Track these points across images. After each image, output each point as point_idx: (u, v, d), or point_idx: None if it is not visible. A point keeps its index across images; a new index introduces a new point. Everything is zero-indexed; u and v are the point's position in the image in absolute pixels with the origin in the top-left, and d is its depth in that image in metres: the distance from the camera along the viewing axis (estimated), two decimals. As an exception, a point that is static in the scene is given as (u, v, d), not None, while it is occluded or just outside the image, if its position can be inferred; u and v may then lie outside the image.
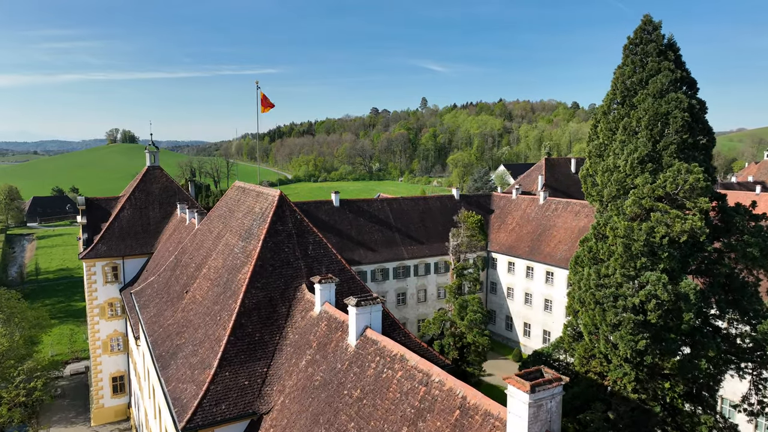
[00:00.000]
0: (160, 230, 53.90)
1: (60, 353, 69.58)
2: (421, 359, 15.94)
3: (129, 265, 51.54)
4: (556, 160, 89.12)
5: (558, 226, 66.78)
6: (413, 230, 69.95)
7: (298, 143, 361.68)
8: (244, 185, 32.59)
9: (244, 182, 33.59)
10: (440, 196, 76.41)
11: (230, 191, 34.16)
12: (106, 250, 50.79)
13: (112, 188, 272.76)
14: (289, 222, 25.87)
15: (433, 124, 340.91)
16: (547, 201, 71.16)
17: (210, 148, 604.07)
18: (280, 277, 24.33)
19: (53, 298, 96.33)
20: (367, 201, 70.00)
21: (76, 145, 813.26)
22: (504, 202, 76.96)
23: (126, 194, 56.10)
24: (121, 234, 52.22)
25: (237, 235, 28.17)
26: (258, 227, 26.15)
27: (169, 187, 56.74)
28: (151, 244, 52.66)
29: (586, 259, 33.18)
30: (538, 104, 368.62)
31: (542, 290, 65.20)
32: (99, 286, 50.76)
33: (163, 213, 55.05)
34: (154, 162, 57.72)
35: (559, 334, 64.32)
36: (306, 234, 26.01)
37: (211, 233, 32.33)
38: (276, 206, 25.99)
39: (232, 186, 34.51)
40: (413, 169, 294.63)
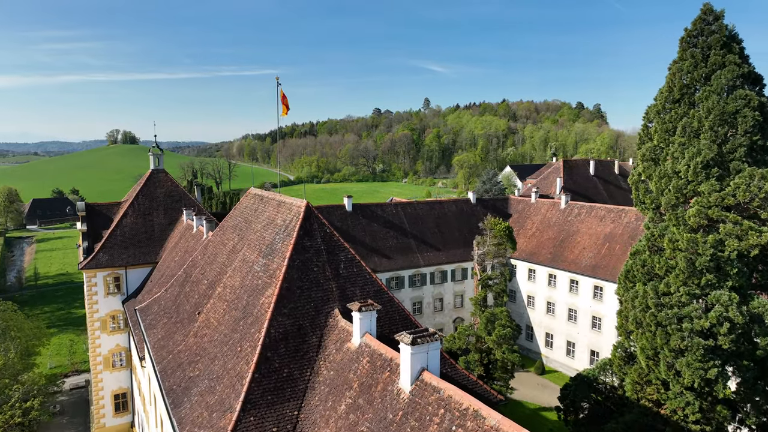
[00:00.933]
0: (165, 238, 50.76)
1: (59, 365, 66.46)
2: (503, 419, 12.77)
3: (132, 275, 48.41)
4: (575, 162, 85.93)
5: (582, 232, 63.58)
6: (429, 236, 66.81)
7: (300, 144, 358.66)
8: (261, 193, 29.43)
9: (260, 189, 30.41)
10: (456, 200, 73.27)
11: (245, 199, 30.99)
12: (108, 260, 47.64)
13: (113, 190, 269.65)
14: (318, 237, 22.69)
15: (437, 125, 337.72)
16: (569, 205, 67.98)
17: (211, 149, 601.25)
18: (309, 300, 21.16)
19: (52, 305, 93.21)
20: (381, 205, 66.87)
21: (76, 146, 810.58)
22: (522, 206, 73.80)
23: (129, 199, 52.97)
24: (123, 242, 49.09)
25: (256, 250, 25.00)
26: (282, 242, 22.98)
27: (174, 191, 53.60)
28: (156, 253, 49.52)
29: (639, 274, 29.94)
30: (542, 104, 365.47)
31: (566, 299, 61.99)
32: (100, 298, 47.62)
33: (168, 219, 51.91)
34: (158, 165, 54.59)
35: (585, 345, 61.57)
36: (337, 250, 22.83)
37: (225, 246, 29.16)
38: (302, 218, 22.82)
39: (247, 193, 31.36)
40: (417, 171, 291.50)
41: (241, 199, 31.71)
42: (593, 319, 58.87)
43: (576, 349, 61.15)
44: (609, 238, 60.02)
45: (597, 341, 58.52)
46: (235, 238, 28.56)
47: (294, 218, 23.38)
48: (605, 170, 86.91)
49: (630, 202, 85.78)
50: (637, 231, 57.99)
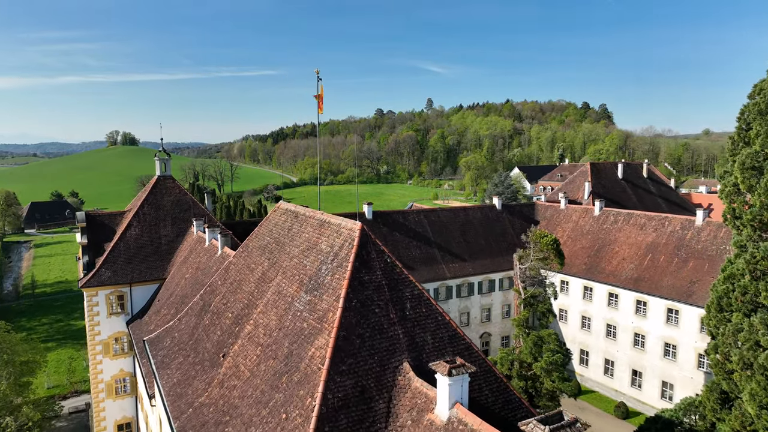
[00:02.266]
0: (173, 251, 46.24)
1: (57, 385, 61.94)
2: None
3: (137, 293, 43.90)
4: (602, 165, 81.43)
5: (620, 241, 59.09)
6: (454, 245, 62.33)
7: (302, 145, 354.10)
8: (295, 208, 24.91)
9: (293, 204, 25.90)
10: (481, 207, 68.82)
11: (274, 215, 26.45)
12: (111, 277, 43.12)
13: (112, 192, 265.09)
14: (377, 269, 18.19)
15: (441, 126, 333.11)
16: (603, 212, 63.51)
17: (211, 150, 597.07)
18: (372, 353, 16.66)
19: (50, 316, 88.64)
20: (403, 213, 62.43)
21: (76, 147, 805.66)
22: (551, 212, 69.34)
23: (133, 208, 48.44)
24: (128, 256, 44.56)
25: (295, 281, 20.49)
26: (331, 275, 18.47)
27: (182, 200, 49.08)
28: (163, 268, 45.01)
29: (739, 302, 25.34)
30: (548, 105, 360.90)
31: (604, 314, 57.49)
32: (102, 319, 43.09)
33: (177, 230, 47.40)
34: (165, 171, 50.06)
35: (625, 363, 56.85)
36: (401, 285, 18.33)
37: (252, 272, 24.63)
38: (357, 246, 18.32)
39: (276, 208, 26.85)
40: (422, 172, 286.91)
41: (268, 214, 27.14)
42: (635, 336, 54.37)
43: (615, 368, 56.65)
44: (651, 249, 55.52)
45: (639, 360, 54.03)
46: (264, 263, 24.03)
47: (345, 244, 18.87)
48: (633, 173, 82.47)
49: (659, 207, 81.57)
50: (683, 241, 53.56)
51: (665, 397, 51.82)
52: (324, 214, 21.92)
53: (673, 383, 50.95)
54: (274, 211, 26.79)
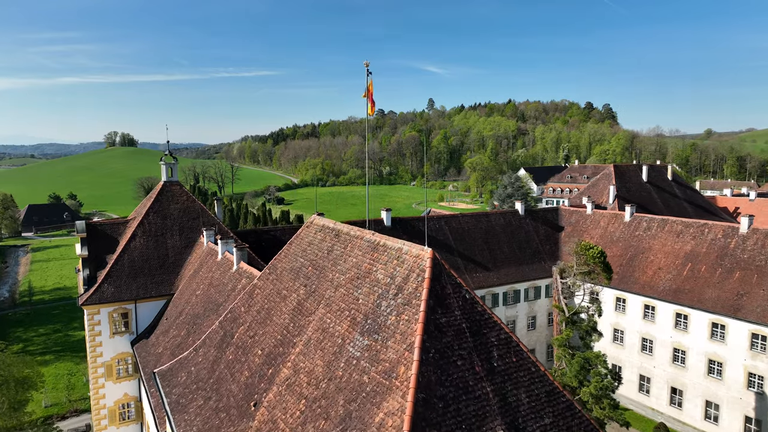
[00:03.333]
0: (182, 264, 42.59)
1: (56, 403, 58.18)
2: None
3: (143, 310, 40.25)
4: (626, 168, 77.93)
5: (655, 250, 55.54)
6: (477, 254, 58.73)
7: (303, 146, 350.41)
8: (334, 225, 21.28)
9: (329, 220, 22.28)
10: (503, 212, 65.19)
11: (308, 232, 22.81)
12: (114, 293, 39.44)
13: (112, 194, 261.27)
14: (456, 307, 14.59)
15: (443, 126, 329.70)
16: (634, 218, 59.98)
17: (209, 151, 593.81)
18: (458, 420, 13.03)
19: (48, 326, 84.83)
20: (422, 219, 58.78)
21: (74, 148, 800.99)
22: (576, 217, 65.79)
23: (137, 217, 44.76)
24: (132, 270, 40.89)
25: (345, 317, 16.88)
26: (396, 315, 14.86)
27: (190, 207, 45.41)
28: (171, 283, 41.35)
29: None
30: (551, 105, 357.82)
31: (638, 327, 53.93)
32: (105, 339, 39.41)
33: (185, 241, 43.75)
34: (171, 176, 46.42)
35: (663, 380, 52.87)
36: (485, 328, 14.73)
37: (284, 300, 21.00)
38: (430, 278, 14.69)
39: (308, 224, 23.21)
40: (425, 173, 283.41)
41: (300, 231, 23.48)
42: (675, 351, 50.83)
43: (652, 385, 53.09)
44: (691, 258, 51.99)
45: (680, 378, 50.47)
46: (299, 290, 20.40)
47: (412, 276, 15.25)
48: (658, 176, 79.00)
49: (685, 211, 78.09)
50: (726, 250, 50.04)
51: (709, 418, 48.31)
52: (376, 234, 18.30)
53: (718, 403, 47.41)
54: (306, 226, 23.14)
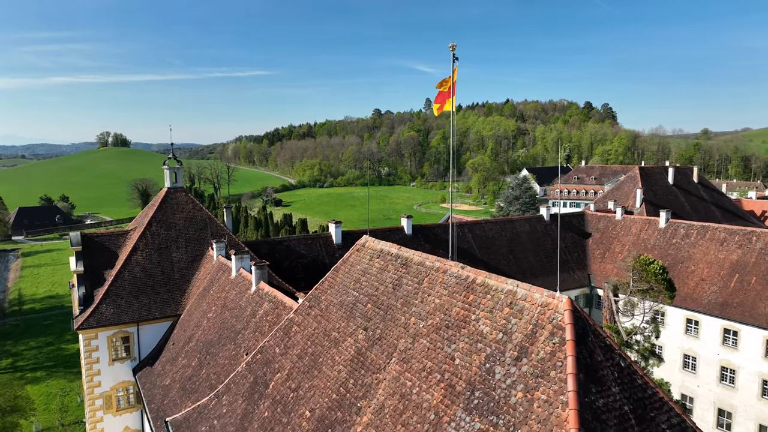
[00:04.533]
0: (189, 280, 38.24)
1: (48, 427, 53.54)
2: None
3: (146, 333, 35.90)
4: (651, 170, 74.18)
5: (696, 259, 51.71)
6: (503, 263, 54.71)
7: (299, 146, 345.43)
8: (398, 251, 17.12)
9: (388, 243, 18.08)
10: (528, 218, 61.31)
11: (359, 257, 18.62)
12: (114, 314, 35.05)
13: (105, 196, 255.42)
14: (612, 382, 10.49)
15: (441, 126, 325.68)
16: (670, 224, 56.15)
17: (203, 151, 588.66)
18: None
19: (39, 339, 79.97)
20: (444, 227, 54.70)
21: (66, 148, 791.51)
22: (604, 223, 61.89)
23: (138, 227, 40.36)
24: (134, 288, 36.52)
25: (436, 382, 12.70)
26: (525, 392, 10.72)
27: (197, 217, 41.07)
28: (178, 302, 37.01)
29: None
30: (549, 104, 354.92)
31: (680, 343, 50.07)
32: (103, 367, 35.02)
33: (192, 254, 39.40)
34: (175, 182, 42.06)
35: (709, 401, 48.87)
36: (651, 409, 10.63)
37: (336, 345, 16.80)
38: (575, 341, 10.53)
39: (360, 246, 19.03)
40: (424, 173, 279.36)
41: (348, 255, 19.27)
42: (722, 370, 46.99)
43: (696, 405, 49.22)
44: (738, 268, 48.17)
45: (728, 399, 46.64)
46: (357, 335, 16.19)
47: (542, 334, 11.11)
48: (683, 179, 75.31)
49: (713, 215, 74.45)
50: (778, 260, 46.28)
51: (762, 443, 44.51)
52: (466, 268, 14.13)
53: (774, 428, 43.62)
54: (357, 250, 18.95)
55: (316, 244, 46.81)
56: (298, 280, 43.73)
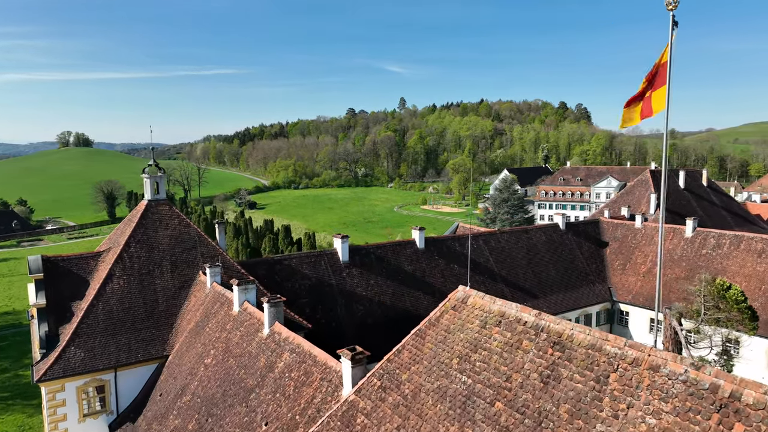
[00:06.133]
0: (177, 312, 31.86)
1: (4, 475, 46.19)
2: None
3: (126, 379, 29.40)
4: (661, 173, 70.38)
5: (731, 272, 47.68)
6: (521, 278, 49.80)
7: (272, 146, 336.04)
8: (539, 320, 11.59)
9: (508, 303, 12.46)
10: (543, 227, 56.57)
11: (458, 320, 13.06)
12: (85, 360, 28.46)
13: (67, 199, 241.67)
14: None
15: (417, 126, 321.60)
16: (697, 233, 52.14)
17: (170, 151, 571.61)
18: None
19: (-6, 364, 71.36)
20: (459, 239, 49.36)
21: (23, 148, 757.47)
22: (622, 231, 57.63)
23: (114, 248, 33.71)
24: (110, 324, 29.97)
25: None
26: None
27: (184, 234, 34.66)
28: (164, 340, 30.61)
29: None
30: (524, 104, 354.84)
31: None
32: (72, 425, 28.36)
33: (179, 280, 33.02)
34: (157, 193, 35.54)
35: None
36: None
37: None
38: None
39: (456, 303, 13.48)
40: (402, 174, 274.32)
41: (439, 313, 13.55)
42: None
43: None
44: (780, 282, 44.34)
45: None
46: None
47: None
48: (693, 182, 71.99)
49: (725, 221, 71.40)
50: (825, 273, 42.55)
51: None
52: (701, 366, 8.62)
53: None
54: (453, 308, 13.26)
55: (321, 263, 40.89)
56: (302, 305, 37.81)
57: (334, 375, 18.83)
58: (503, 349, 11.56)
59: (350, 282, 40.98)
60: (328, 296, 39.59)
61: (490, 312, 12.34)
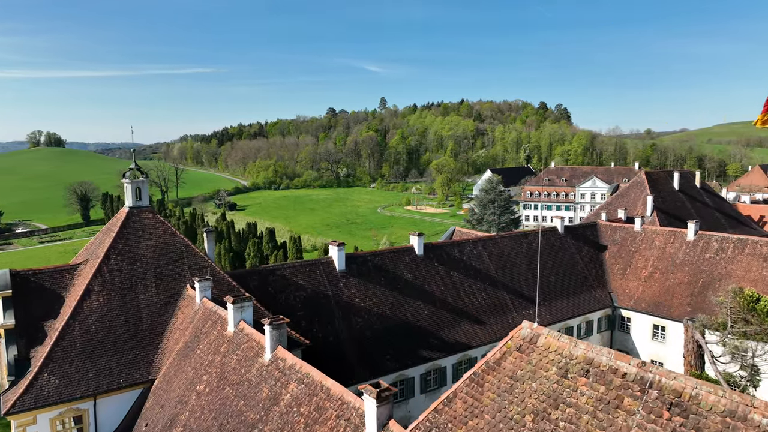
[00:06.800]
0: (163, 330, 29.08)
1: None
2: None
3: (106, 407, 26.53)
4: (657, 175, 69.54)
5: (736, 276, 46.50)
6: (522, 285, 47.92)
7: (251, 146, 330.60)
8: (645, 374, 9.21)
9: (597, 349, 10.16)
10: (543, 231, 54.80)
11: (536, 366, 10.81)
12: (60, 388, 25.52)
13: (38, 200, 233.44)
14: None
15: (398, 126, 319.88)
16: (699, 236, 50.95)
17: (146, 151, 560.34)
18: None
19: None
20: (458, 244, 47.22)
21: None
22: (621, 234, 56.25)
23: (92, 260, 30.73)
24: (88, 346, 27.07)
25: None
26: None
27: (170, 245, 31.83)
28: (149, 362, 27.82)
29: None
30: (505, 104, 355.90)
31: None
32: (46, 460, 25.38)
33: (164, 295, 30.21)
34: (139, 199, 32.64)
35: None
36: None
37: None
38: None
39: (526, 341, 11.20)
40: (384, 174, 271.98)
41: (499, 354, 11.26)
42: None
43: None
44: (789, 288, 43.24)
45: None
46: None
47: None
48: (687, 183, 71.23)
49: (719, 222, 70.70)
50: (834, 278, 41.57)
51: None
52: None
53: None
54: (519, 349, 11.06)
55: (316, 272, 38.36)
56: (298, 318, 35.28)
57: (352, 413, 16.44)
58: (596, 408, 9.35)
59: (347, 292, 38.55)
60: (325, 308, 37.10)
61: (572, 357, 10.12)
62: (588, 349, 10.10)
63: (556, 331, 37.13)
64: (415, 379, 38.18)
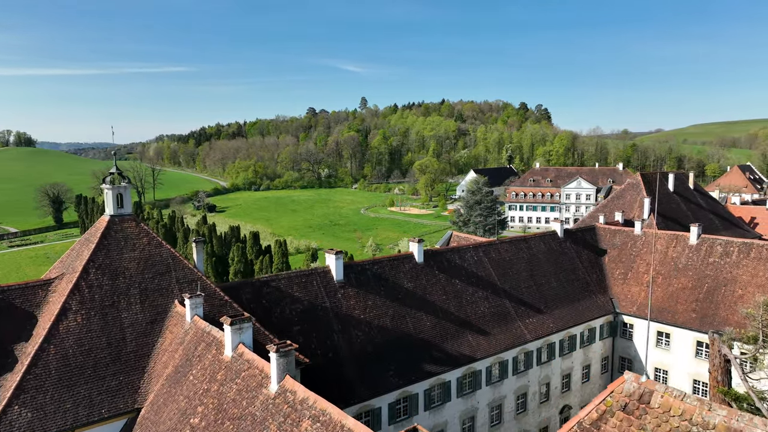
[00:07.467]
0: (149, 352, 26.33)
1: None
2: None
3: (86, 442, 23.67)
4: (651, 176, 68.56)
5: (743, 282, 45.39)
6: (524, 291, 46.15)
7: (230, 146, 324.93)
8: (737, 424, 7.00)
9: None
10: (542, 235, 53.14)
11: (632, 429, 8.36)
12: (34, 421, 22.63)
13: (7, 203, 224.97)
14: None
15: (380, 126, 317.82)
16: (702, 240, 49.80)
17: (121, 151, 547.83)
18: None
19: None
20: (458, 250, 45.13)
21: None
22: (620, 238, 54.92)
23: (68, 274, 27.77)
24: (65, 372, 24.20)
25: None
26: None
27: (155, 256, 29.03)
28: (135, 388, 25.06)
29: None
30: (485, 105, 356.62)
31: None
32: (17, 504, 22.46)
33: (151, 313, 27.43)
34: (121, 206, 29.76)
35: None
36: None
37: None
38: None
39: (635, 398, 8.97)
40: (366, 175, 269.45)
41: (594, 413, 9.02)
42: (787, 412, 40.67)
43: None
44: (799, 293, 42.17)
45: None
46: None
47: None
48: (681, 185, 70.48)
49: (713, 224, 70.09)
50: (844, 284, 40.62)
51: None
52: None
53: None
54: (624, 409, 8.75)
55: (313, 283, 35.89)
56: (295, 333, 32.76)
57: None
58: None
59: (346, 304, 36.15)
60: (323, 322, 34.63)
61: (708, 426, 7.94)
62: (730, 414, 7.92)
63: (559, 341, 34.71)
64: (419, 395, 35.97)
